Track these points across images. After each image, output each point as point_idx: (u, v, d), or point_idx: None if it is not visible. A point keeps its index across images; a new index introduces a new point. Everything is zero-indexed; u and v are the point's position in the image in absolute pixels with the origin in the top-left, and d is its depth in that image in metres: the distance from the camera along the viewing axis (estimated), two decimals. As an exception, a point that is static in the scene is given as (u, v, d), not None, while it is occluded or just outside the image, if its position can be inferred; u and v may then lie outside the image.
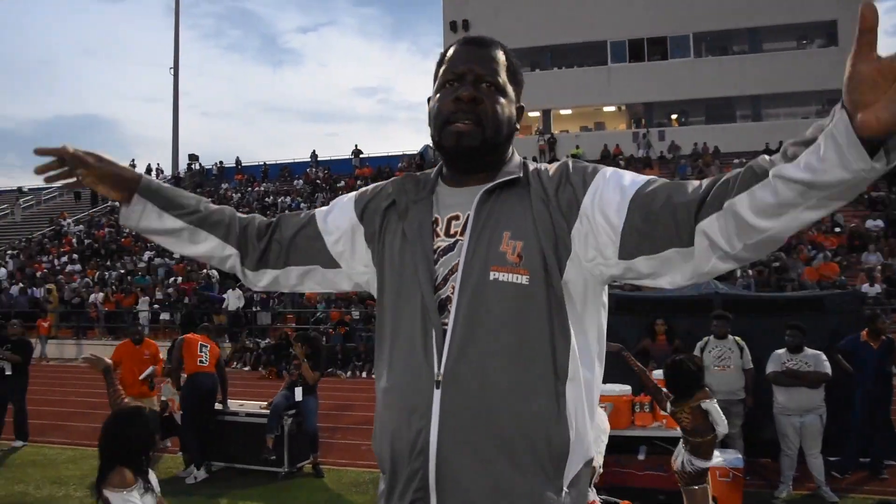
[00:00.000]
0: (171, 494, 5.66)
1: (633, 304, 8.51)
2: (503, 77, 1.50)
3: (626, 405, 6.36)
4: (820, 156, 1.04)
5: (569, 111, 35.50)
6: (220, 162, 40.27)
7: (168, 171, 41.37)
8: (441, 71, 1.53)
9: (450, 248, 1.46)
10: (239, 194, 35.37)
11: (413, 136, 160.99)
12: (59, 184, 1.57)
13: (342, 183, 33.79)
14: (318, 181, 34.97)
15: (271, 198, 33.60)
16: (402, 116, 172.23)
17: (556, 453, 1.36)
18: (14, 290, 23.82)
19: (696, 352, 6.98)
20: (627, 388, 6.46)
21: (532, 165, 1.53)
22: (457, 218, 1.48)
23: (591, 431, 1.42)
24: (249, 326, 19.74)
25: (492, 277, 1.37)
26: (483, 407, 1.34)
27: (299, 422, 7.68)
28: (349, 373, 16.13)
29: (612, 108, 35.28)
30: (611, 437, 5.95)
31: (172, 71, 42.32)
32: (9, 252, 28.70)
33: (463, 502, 1.35)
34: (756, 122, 32.11)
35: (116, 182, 1.58)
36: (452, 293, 1.41)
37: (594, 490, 2.99)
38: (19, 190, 41.66)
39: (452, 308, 1.39)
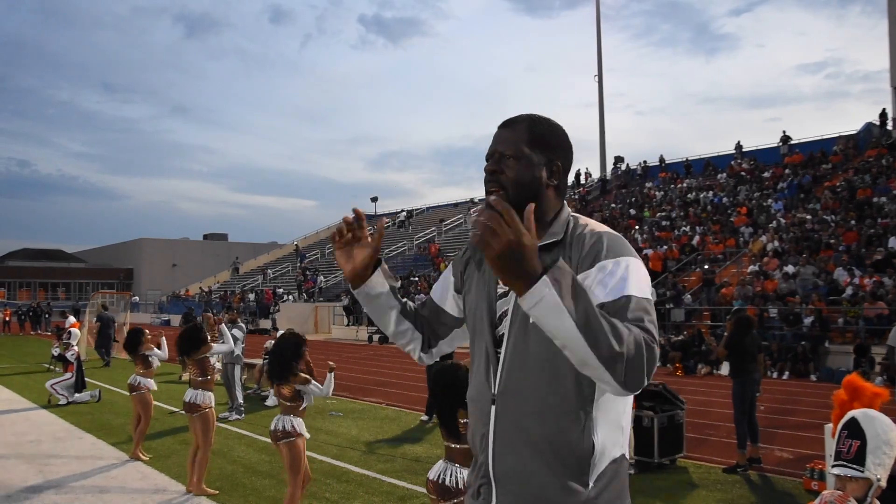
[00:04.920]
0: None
1: None
2: (522, 148, 1.84)
3: None
4: None
5: None
6: (644, 161, 41.19)
7: (596, 174, 43.65)
8: None
9: (506, 293, 1.85)
10: (661, 192, 35.49)
11: (868, 111, 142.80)
12: (336, 244, 1.99)
13: (768, 173, 31.99)
14: (742, 173, 33.41)
15: (693, 194, 32.97)
16: (856, 90, 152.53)
17: (580, 456, 1.71)
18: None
19: None
20: None
21: (576, 224, 1.84)
22: None
23: (620, 437, 1.77)
24: (664, 323, 20.14)
25: (532, 321, 1.66)
26: (520, 419, 1.75)
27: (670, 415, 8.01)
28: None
29: None
30: None
31: (596, 78, 44.51)
32: (462, 256, 33.04)
33: (511, 491, 1.77)
34: None
35: (369, 264, 2.01)
36: (506, 331, 1.81)
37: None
38: (471, 201, 47.92)
39: (504, 343, 1.80)
